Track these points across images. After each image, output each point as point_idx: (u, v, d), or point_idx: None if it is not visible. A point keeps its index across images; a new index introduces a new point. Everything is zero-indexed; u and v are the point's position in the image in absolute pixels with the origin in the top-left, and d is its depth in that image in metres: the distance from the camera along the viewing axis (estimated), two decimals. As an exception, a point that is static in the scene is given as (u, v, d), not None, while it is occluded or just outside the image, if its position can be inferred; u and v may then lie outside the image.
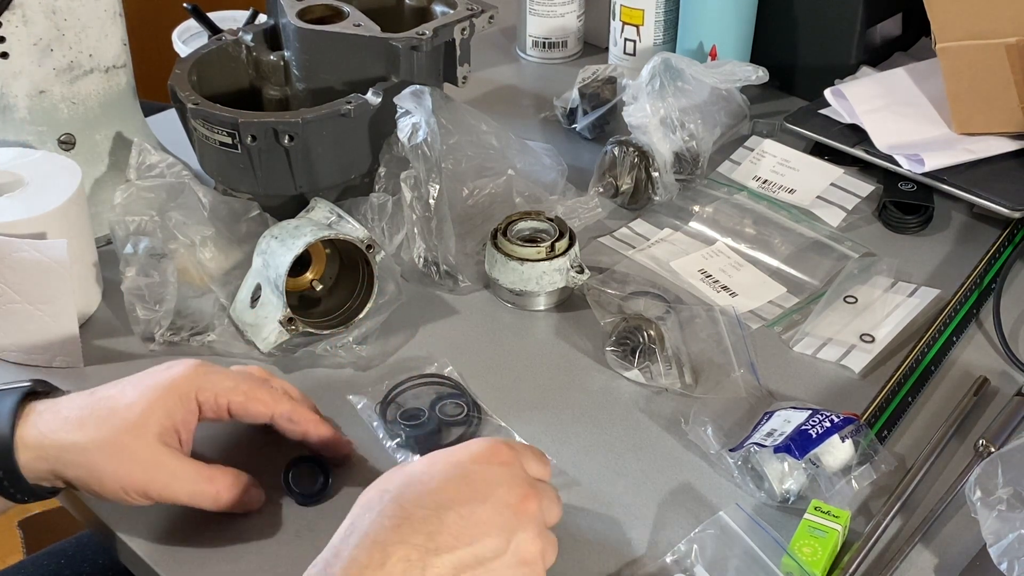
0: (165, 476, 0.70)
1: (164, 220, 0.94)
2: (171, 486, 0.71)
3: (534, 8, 1.33)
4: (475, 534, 0.61)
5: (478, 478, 0.63)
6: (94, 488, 0.70)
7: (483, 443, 0.65)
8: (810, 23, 1.22)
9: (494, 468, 0.64)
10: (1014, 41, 1.02)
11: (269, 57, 1.03)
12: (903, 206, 1.06)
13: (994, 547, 0.68)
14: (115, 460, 0.69)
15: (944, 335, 0.91)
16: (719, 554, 0.72)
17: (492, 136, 1.04)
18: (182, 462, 0.71)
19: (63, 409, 0.71)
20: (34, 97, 0.96)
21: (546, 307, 0.95)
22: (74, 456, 0.69)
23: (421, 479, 0.63)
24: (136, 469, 0.70)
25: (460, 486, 0.62)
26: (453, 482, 0.62)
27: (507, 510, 0.62)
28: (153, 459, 0.70)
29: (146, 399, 0.71)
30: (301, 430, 0.76)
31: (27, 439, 0.69)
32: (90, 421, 0.70)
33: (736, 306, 0.94)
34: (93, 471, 0.69)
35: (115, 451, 0.69)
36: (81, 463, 0.69)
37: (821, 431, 0.76)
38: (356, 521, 0.62)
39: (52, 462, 0.69)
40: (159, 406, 0.71)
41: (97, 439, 0.69)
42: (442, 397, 0.85)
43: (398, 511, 0.61)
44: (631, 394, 0.87)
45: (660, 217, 1.06)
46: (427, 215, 0.94)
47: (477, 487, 0.62)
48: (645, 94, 1.05)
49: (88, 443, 0.69)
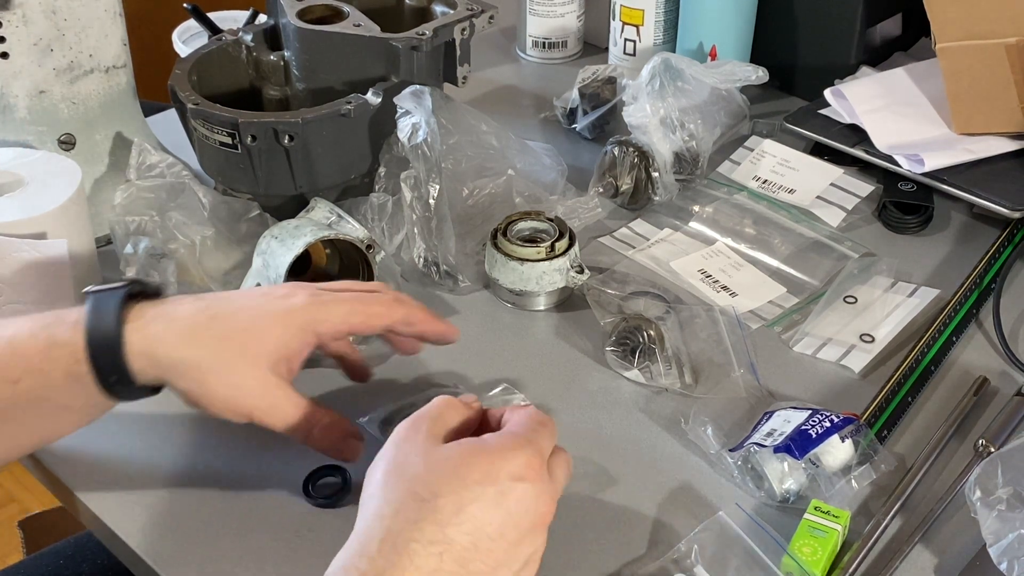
0: (267, 404, 0.72)
1: (164, 220, 0.94)
2: (271, 414, 0.72)
3: (534, 8, 1.33)
4: (499, 559, 0.61)
5: (513, 500, 0.62)
6: (200, 403, 0.71)
7: (519, 456, 0.63)
8: (810, 23, 1.22)
9: (527, 487, 0.63)
10: (1014, 41, 1.02)
11: (269, 57, 1.03)
12: (903, 206, 1.06)
13: (994, 547, 0.68)
14: (225, 382, 0.71)
15: (944, 335, 0.91)
16: (719, 554, 0.72)
17: (492, 136, 1.04)
18: (287, 394, 0.73)
19: (175, 318, 0.71)
20: (34, 97, 0.96)
21: (546, 307, 0.95)
22: (186, 370, 0.70)
23: (460, 494, 0.61)
24: (243, 393, 0.71)
25: (492, 507, 0.61)
26: (487, 502, 0.61)
27: (534, 529, 0.63)
28: (261, 387, 0.71)
29: (264, 327, 0.72)
30: (418, 331, 0.78)
31: (137, 345, 0.69)
32: (204, 337, 0.70)
33: (736, 306, 0.94)
34: (203, 387, 0.70)
35: (227, 373, 0.71)
36: (193, 377, 0.70)
37: (821, 431, 0.76)
38: (395, 529, 0.60)
39: (163, 370, 0.70)
40: (275, 336, 0.72)
41: (210, 358, 0.70)
42: None
43: (439, 536, 0.60)
44: (631, 394, 0.87)
45: (660, 217, 1.06)
46: (427, 215, 0.94)
47: (507, 508, 0.62)
48: (645, 94, 1.05)
49: (201, 361, 0.70)
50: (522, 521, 0.62)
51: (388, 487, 0.62)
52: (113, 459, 0.80)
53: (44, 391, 0.69)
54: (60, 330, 0.69)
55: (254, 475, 0.79)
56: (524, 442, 0.64)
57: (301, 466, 0.79)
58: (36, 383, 0.69)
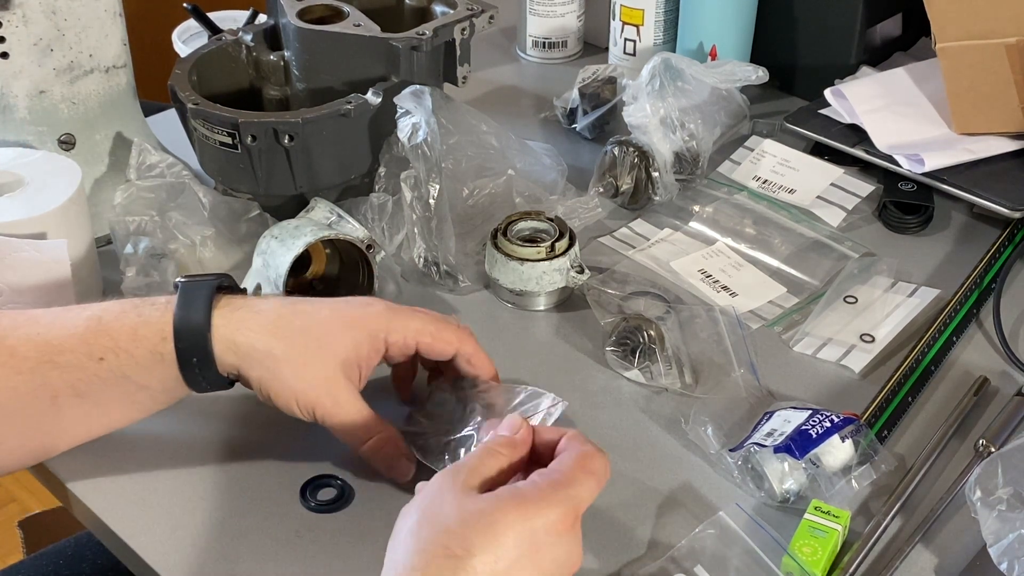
0: (332, 402, 0.73)
1: (164, 220, 0.94)
2: (334, 413, 0.73)
3: (534, 8, 1.33)
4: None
5: (547, 556, 0.61)
6: (270, 392, 0.73)
7: (556, 511, 0.62)
8: (810, 23, 1.22)
9: (562, 541, 0.62)
10: (1014, 41, 1.02)
11: (269, 57, 1.03)
12: (903, 206, 1.06)
13: (994, 547, 0.68)
14: (297, 375, 0.72)
15: (944, 335, 0.91)
16: (719, 554, 0.72)
17: (492, 136, 1.04)
18: (352, 397, 0.74)
19: (260, 310, 0.74)
20: (34, 97, 0.96)
21: (546, 307, 0.95)
22: (261, 359, 0.72)
23: (495, 550, 0.60)
24: (312, 388, 0.73)
25: (526, 561, 0.60)
26: (525, 558, 0.60)
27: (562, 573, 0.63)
28: (329, 385, 0.73)
29: (340, 328, 0.74)
30: (475, 373, 0.79)
31: (222, 330, 0.72)
32: (285, 331, 0.73)
33: (736, 306, 0.94)
34: (275, 377, 0.72)
35: (300, 366, 0.72)
36: (267, 366, 0.72)
37: (821, 431, 0.76)
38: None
39: (240, 358, 0.72)
40: (350, 338, 0.74)
41: (287, 350, 0.72)
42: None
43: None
44: (631, 394, 0.87)
45: (660, 217, 1.06)
46: (427, 215, 0.94)
47: (543, 568, 0.61)
48: (645, 94, 1.05)
49: (278, 352, 0.72)
50: (551, 572, 0.62)
51: (420, 538, 0.61)
52: (113, 459, 0.79)
53: (127, 369, 0.71)
54: (150, 311, 0.72)
55: (255, 476, 0.79)
56: (564, 497, 0.63)
57: (301, 470, 0.79)
58: (120, 362, 0.71)
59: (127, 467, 0.80)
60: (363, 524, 0.75)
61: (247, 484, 0.78)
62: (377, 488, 0.78)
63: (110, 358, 0.71)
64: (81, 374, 0.71)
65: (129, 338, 0.71)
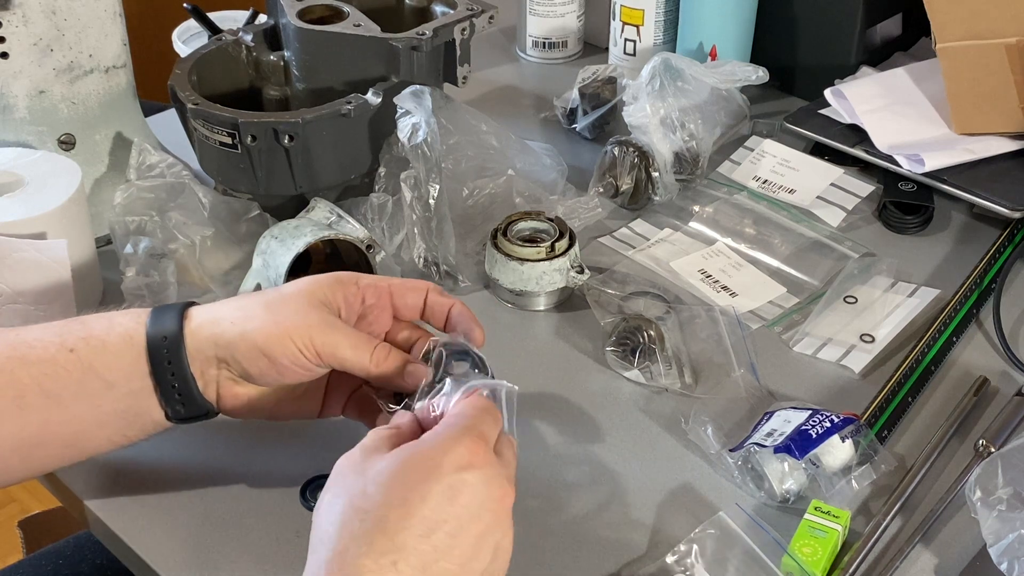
0: (328, 330, 0.70)
1: (164, 220, 0.94)
2: (335, 339, 0.70)
3: (534, 8, 1.33)
4: (466, 554, 0.59)
5: (465, 492, 0.60)
6: (266, 350, 0.69)
7: (461, 444, 0.61)
8: (810, 23, 1.22)
9: (477, 474, 0.60)
10: (1014, 41, 1.02)
11: (269, 57, 1.03)
12: (903, 206, 1.06)
13: (994, 547, 0.68)
14: (279, 320, 0.69)
15: (944, 335, 0.91)
16: (719, 554, 0.72)
17: (492, 136, 1.04)
18: (340, 322, 0.71)
19: (225, 303, 0.72)
20: (34, 97, 0.96)
21: (546, 307, 0.95)
22: (242, 333, 0.69)
23: (404, 497, 0.59)
24: (302, 320, 0.69)
25: (444, 504, 0.59)
26: (437, 499, 0.59)
27: (496, 516, 0.61)
28: (318, 316, 0.70)
29: (307, 282, 0.72)
30: (449, 303, 0.76)
31: (195, 320, 0.70)
32: (255, 307, 0.71)
33: (736, 306, 0.94)
34: (264, 334, 0.69)
35: (279, 313, 0.69)
36: (252, 340, 0.69)
37: (821, 431, 0.76)
38: (340, 548, 0.58)
39: (223, 348, 0.69)
40: (322, 285, 0.72)
41: (265, 316, 0.70)
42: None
43: (389, 545, 0.57)
44: (631, 394, 0.87)
45: (660, 217, 1.06)
46: (427, 215, 0.94)
47: (461, 502, 0.59)
48: (645, 94, 1.05)
49: (257, 324, 0.69)
50: (481, 510, 0.60)
51: (331, 510, 0.60)
52: (112, 459, 0.79)
53: (95, 360, 0.69)
54: (127, 314, 0.71)
55: (255, 475, 0.79)
56: (463, 430, 0.62)
57: (301, 470, 0.79)
58: (90, 349, 0.69)
59: (127, 467, 0.80)
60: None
61: (248, 483, 0.78)
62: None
63: (80, 348, 0.69)
64: (50, 368, 0.68)
65: (104, 327, 0.70)
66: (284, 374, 0.70)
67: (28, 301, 0.86)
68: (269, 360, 0.69)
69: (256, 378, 0.70)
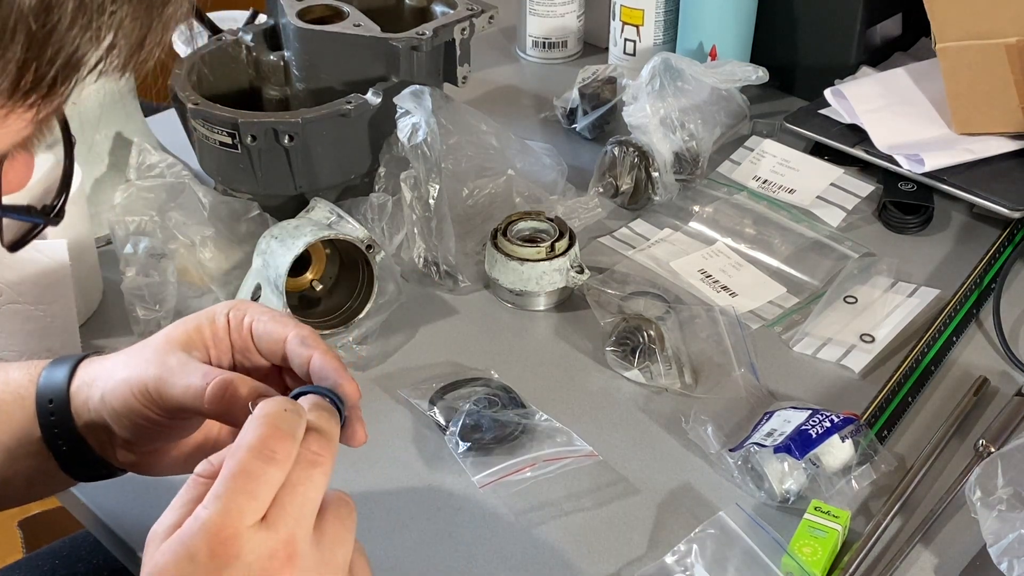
0: (164, 372, 0.61)
1: (164, 220, 0.94)
2: (170, 380, 0.61)
3: (534, 8, 1.33)
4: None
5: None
6: (126, 418, 0.62)
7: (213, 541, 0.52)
8: (810, 23, 1.22)
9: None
10: (1014, 41, 1.02)
11: (269, 57, 1.03)
12: (903, 206, 1.06)
13: (994, 547, 0.68)
14: (127, 373, 0.62)
15: (944, 335, 0.91)
16: (719, 554, 0.72)
17: (492, 136, 1.04)
18: (185, 359, 0.62)
19: (116, 355, 0.65)
20: (34, 97, 0.96)
21: (546, 307, 0.95)
22: (103, 403, 0.63)
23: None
24: (141, 372, 0.62)
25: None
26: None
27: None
28: (161, 360, 0.62)
29: (178, 322, 0.65)
30: (309, 354, 0.62)
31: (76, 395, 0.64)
32: (121, 360, 0.64)
33: (736, 306, 0.94)
34: (114, 398, 0.62)
35: (131, 356, 0.63)
36: (110, 404, 0.63)
37: (821, 431, 0.76)
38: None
39: (95, 412, 0.63)
40: (188, 324, 0.64)
41: (120, 372, 0.63)
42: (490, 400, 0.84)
43: None
44: (631, 394, 0.87)
45: (660, 217, 1.06)
46: (427, 215, 0.94)
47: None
48: (645, 94, 1.05)
49: (111, 384, 0.63)
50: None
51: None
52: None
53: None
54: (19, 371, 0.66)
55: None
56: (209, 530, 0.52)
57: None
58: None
59: (127, 467, 0.80)
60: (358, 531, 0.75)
61: (247, 484, 0.78)
62: (372, 496, 0.77)
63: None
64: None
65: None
66: (141, 433, 0.63)
67: (28, 301, 0.86)
68: (127, 419, 0.62)
69: (134, 442, 0.64)
